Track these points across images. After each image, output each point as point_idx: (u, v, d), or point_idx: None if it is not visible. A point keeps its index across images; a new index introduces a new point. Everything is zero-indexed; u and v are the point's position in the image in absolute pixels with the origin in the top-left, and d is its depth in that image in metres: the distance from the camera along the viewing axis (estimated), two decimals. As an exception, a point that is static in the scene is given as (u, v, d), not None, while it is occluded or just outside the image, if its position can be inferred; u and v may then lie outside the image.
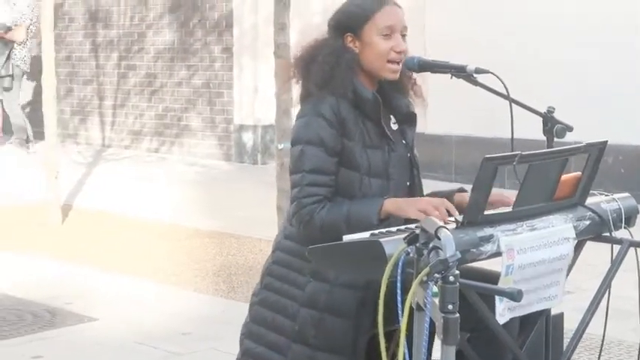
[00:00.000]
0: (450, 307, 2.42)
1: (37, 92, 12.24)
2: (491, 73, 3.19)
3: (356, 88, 3.33)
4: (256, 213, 8.30)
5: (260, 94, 11.34)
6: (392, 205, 3.17)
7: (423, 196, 3.45)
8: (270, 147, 11.28)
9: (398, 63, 3.36)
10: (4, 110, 12.55)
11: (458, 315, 2.45)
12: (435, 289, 2.46)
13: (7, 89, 12.03)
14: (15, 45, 11.96)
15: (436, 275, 2.43)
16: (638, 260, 3.24)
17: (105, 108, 13.18)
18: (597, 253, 3.40)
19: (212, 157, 11.97)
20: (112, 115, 13.09)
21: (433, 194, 3.45)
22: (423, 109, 3.61)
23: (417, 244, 2.59)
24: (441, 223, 2.58)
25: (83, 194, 9.50)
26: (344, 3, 3.49)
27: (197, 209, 8.94)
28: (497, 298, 2.85)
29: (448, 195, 3.41)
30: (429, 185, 3.57)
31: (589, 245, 3.27)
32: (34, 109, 12.88)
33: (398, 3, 3.44)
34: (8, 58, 12.00)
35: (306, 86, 3.40)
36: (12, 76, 11.91)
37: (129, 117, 12.91)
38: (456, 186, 3.57)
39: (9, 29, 12.01)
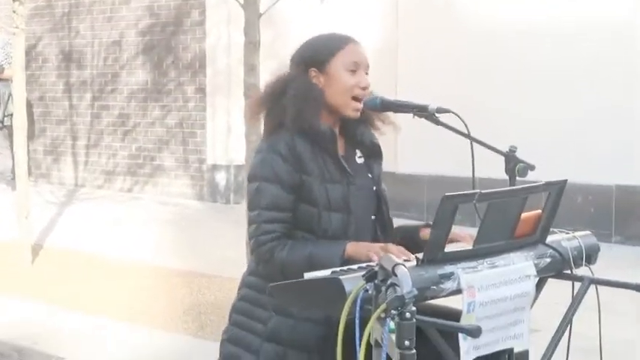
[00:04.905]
0: (407, 343, 2.43)
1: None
2: (452, 112, 3.19)
3: (313, 123, 3.34)
4: (228, 252, 8.30)
5: (233, 133, 11.36)
6: (352, 248, 3.18)
7: (392, 230, 3.47)
8: (243, 186, 11.29)
9: (361, 100, 3.39)
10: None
11: (414, 351, 2.45)
12: (392, 325, 2.47)
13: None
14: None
15: (393, 312, 2.44)
16: (598, 298, 3.27)
17: (78, 148, 13.17)
18: (560, 291, 3.41)
19: (185, 196, 11.97)
20: (85, 154, 13.09)
21: (399, 229, 3.48)
22: (396, 134, 3.61)
23: (376, 281, 2.60)
24: (399, 261, 2.59)
25: (54, 234, 9.48)
26: (308, 40, 3.51)
27: (169, 249, 8.93)
28: (461, 336, 2.85)
29: (414, 230, 3.45)
30: (400, 224, 3.57)
31: (552, 283, 3.28)
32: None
33: (361, 44, 3.47)
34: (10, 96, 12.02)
35: (276, 119, 3.38)
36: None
37: (102, 157, 12.90)
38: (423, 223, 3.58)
39: (2, 69, 12.00)
